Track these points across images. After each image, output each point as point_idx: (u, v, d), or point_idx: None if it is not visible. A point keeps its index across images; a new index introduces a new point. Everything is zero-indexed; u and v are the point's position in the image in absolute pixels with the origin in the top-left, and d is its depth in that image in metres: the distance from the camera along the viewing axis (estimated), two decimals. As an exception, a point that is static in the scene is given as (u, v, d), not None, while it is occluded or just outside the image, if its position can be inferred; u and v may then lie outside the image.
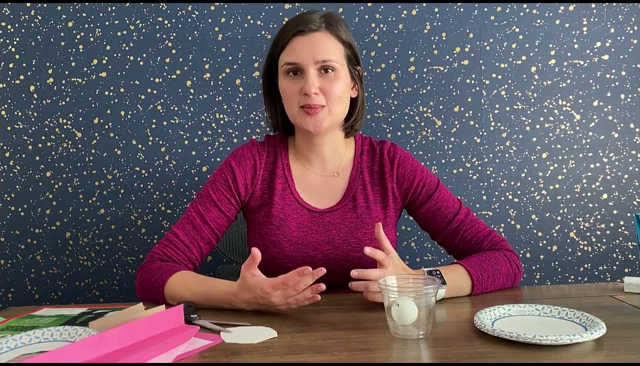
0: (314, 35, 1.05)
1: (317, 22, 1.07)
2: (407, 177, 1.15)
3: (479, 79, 1.72)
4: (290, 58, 1.05)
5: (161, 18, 1.69)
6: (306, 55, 1.04)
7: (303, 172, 1.16)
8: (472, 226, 1.14)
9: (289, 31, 1.06)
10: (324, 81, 1.05)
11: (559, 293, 1.09)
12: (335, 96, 1.05)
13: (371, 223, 1.12)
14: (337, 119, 1.09)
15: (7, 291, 1.72)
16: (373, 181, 1.15)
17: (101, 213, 1.72)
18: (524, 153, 1.73)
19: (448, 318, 0.92)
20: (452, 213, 1.14)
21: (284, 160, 1.16)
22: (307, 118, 1.06)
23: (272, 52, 1.12)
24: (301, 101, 1.05)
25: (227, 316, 0.93)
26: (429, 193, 1.15)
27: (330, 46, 1.06)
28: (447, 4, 1.71)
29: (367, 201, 1.13)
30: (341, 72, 1.07)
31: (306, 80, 1.04)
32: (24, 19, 1.68)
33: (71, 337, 0.80)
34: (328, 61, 1.04)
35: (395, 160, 1.15)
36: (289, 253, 1.10)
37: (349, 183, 1.15)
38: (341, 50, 1.08)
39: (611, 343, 0.77)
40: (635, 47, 1.71)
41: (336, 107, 1.07)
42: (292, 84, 1.06)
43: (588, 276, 1.75)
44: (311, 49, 1.04)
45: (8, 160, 1.71)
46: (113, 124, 1.71)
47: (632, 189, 1.73)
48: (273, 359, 0.74)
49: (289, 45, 1.06)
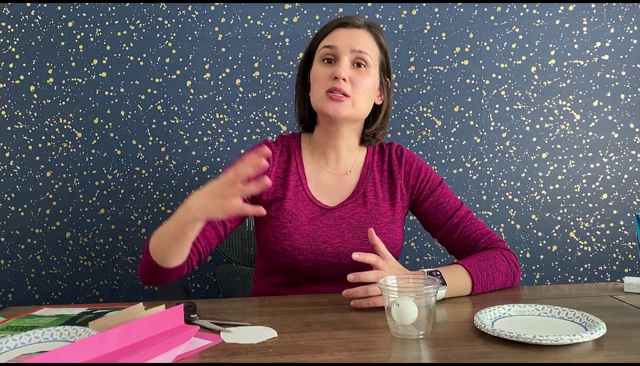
0: (356, 30, 1.12)
1: (361, 22, 1.14)
2: (413, 173, 1.20)
3: (479, 79, 1.72)
4: (329, 42, 1.11)
5: (161, 18, 1.69)
6: (344, 42, 1.10)
7: (316, 170, 1.19)
8: (472, 223, 1.17)
9: (333, 23, 1.14)
10: (354, 73, 1.10)
11: (559, 293, 1.09)
12: (362, 90, 1.10)
13: (380, 218, 1.15)
14: (358, 112, 1.12)
15: (7, 291, 1.72)
16: (382, 179, 1.20)
17: (101, 213, 1.72)
18: (524, 153, 1.73)
19: (448, 318, 0.92)
20: (453, 209, 1.17)
21: (298, 159, 1.19)
22: (329, 102, 1.09)
23: (312, 42, 1.17)
24: (329, 85, 1.09)
25: (227, 316, 0.93)
26: (432, 188, 1.19)
27: (369, 43, 1.12)
28: (447, 4, 1.71)
29: (377, 197, 1.17)
30: (372, 70, 1.13)
31: (339, 65, 1.09)
32: (24, 19, 1.68)
33: (71, 337, 0.80)
34: (364, 52, 1.10)
35: (402, 158, 1.21)
36: (300, 245, 1.12)
37: (359, 180, 1.19)
38: (377, 52, 1.14)
39: (611, 343, 0.76)
40: (635, 47, 1.71)
41: (360, 100, 1.10)
42: (324, 70, 1.11)
43: (588, 276, 1.75)
44: (351, 38, 1.10)
45: (8, 160, 1.71)
46: (113, 124, 1.71)
47: (632, 189, 1.73)
48: (273, 359, 0.74)
49: (331, 33, 1.13)
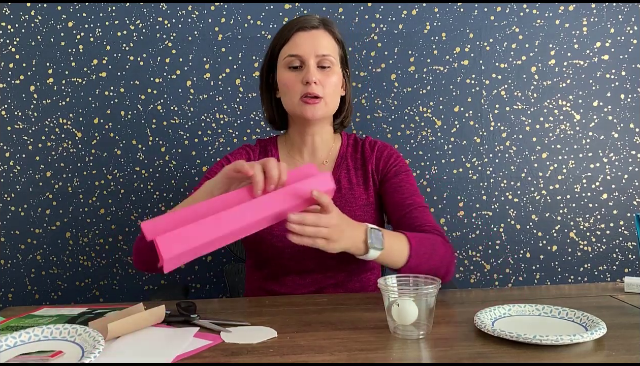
0: (315, 32, 1.17)
1: (317, 21, 1.18)
2: (383, 159, 1.24)
3: (479, 79, 1.72)
4: (293, 51, 1.15)
5: (161, 18, 1.69)
6: (308, 49, 1.14)
7: (294, 164, 1.25)
8: (424, 214, 1.16)
9: (292, 28, 1.17)
10: (321, 75, 1.15)
11: (559, 293, 1.09)
12: (331, 89, 1.16)
13: (354, 202, 1.20)
14: (331, 110, 1.20)
15: (7, 291, 1.72)
16: (356, 166, 1.25)
17: (101, 213, 1.72)
18: (524, 153, 1.73)
19: (448, 318, 0.92)
20: (410, 193, 1.19)
21: (275, 155, 1.26)
22: (305, 106, 1.15)
23: (272, 48, 1.21)
24: (302, 91, 1.15)
25: (227, 316, 0.93)
26: (397, 172, 1.22)
27: (328, 43, 1.18)
28: (447, 4, 1.71)
29: (351, 183, 1.23)
30: (336, 68, 1.18)
31: (307, 70, 1.14)
32: (24, 19, 1.68)
33: (71, 336, 0.80)
34: (327, 55, 1.16)
35: (375, 147, 1.26)
36: (277, 232, 1.14)
37: (333, 168, 1.24)
38: (336, 49, 1.20)
39: (611, 343, 0.77)
40: (635, 47, 1.71)
41: (330, 99, 1.17)
42: (293, 76, 1.16)
43: (588, 276, 1.75)
44: (312, 43, 1.15)
45: (8, 160, 1.71)
46: (113, 124, 1.71)
47: (632, 189, 1.73)
48: (273, 359, 0.74)
49: (292, 40, 1.16)
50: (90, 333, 0.79)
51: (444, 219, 1.74)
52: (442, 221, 1.74)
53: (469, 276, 1.76)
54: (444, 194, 1.74)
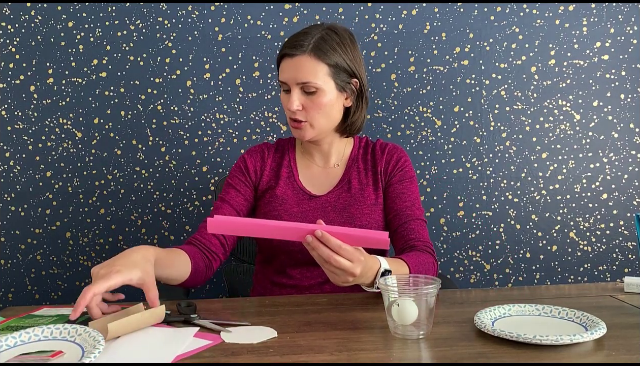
0: (298, 59, 1.14)
1: (305, 46, 1.14)
2: (392, 162, 1.27)
3: (478, 79, 1.72)
4: (280, 76, 1.19)
5: (161, 18, 1.69)
6: (290, 76, 1.16)
7: (307, 165, 1.29)
8: (419, 228, 1.20)
9: (282, 51, 1.18)
10: (306, 99, 1.16)
11: (559, 293, 1.09)
12: (315, 112, 1.17)
13: (364, 201, 1.23)
14: (321, 129, 1.20)
15: (7, 291, 1.72)
16: (367, 168, 1.28)
17: (101, 213, 1.72)
18: (524, 153, 1.73)
19: (448, 318, 0.92)
20: (411, 203, 1.22)
21: (291, 155, 1.30)
22: (293, 129, 1.20)
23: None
24: (289, 114, 1.19)
25: (227, 316, 0.93)
26: (402, 178, 1.25)
27: (312, 69, 1.14)
28: (447, 4, 1.71)
29: (361, 184, 1.26)
30: (324, 89, 1.16)
31: (290, 97, 1.16)
32: (24, 19, 1.68)
33: (71, 336, 0.80)
34: (307, 83, 1.14)
35: (386, 149, 1.29)
36: None
37: (345, 170, 1.28)
38: (325, 71, 1.15)
39: (611, 343, 0.76)
40: (635, 47, 1.71)
41: (317, 121, 1.18)
42: (285, 99, 1.19)
43: (588, 276, 1.75)
44: (295, 71, 1.15)
45: (8, 160, 1.71)
46: (113, 124, 1.71)
47: (632, 189, 1.73)
48: (273, 359, 0.74)
49: (281, 65, 1.19)
50: (90, 333, 0.79)
51: (444, 219, 1.74)
52: (442, 221, 1.74)
53: (469, 276, 1.76)
54: (444, 194, 1.74)
